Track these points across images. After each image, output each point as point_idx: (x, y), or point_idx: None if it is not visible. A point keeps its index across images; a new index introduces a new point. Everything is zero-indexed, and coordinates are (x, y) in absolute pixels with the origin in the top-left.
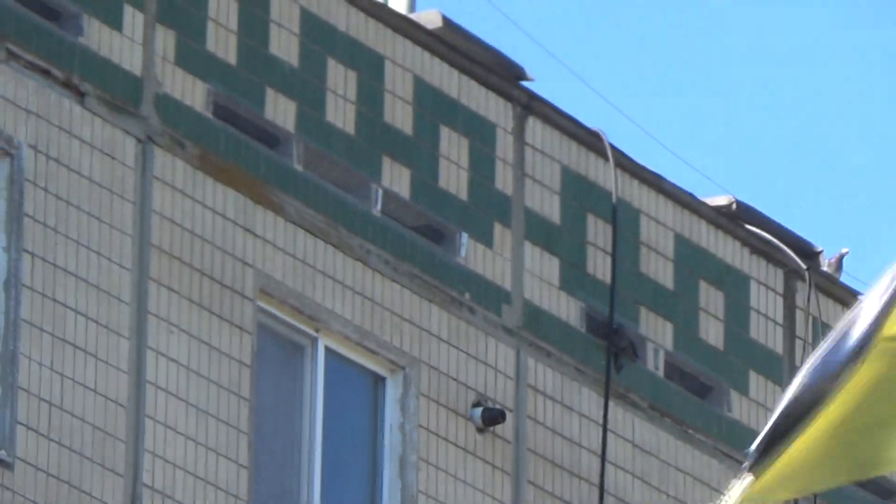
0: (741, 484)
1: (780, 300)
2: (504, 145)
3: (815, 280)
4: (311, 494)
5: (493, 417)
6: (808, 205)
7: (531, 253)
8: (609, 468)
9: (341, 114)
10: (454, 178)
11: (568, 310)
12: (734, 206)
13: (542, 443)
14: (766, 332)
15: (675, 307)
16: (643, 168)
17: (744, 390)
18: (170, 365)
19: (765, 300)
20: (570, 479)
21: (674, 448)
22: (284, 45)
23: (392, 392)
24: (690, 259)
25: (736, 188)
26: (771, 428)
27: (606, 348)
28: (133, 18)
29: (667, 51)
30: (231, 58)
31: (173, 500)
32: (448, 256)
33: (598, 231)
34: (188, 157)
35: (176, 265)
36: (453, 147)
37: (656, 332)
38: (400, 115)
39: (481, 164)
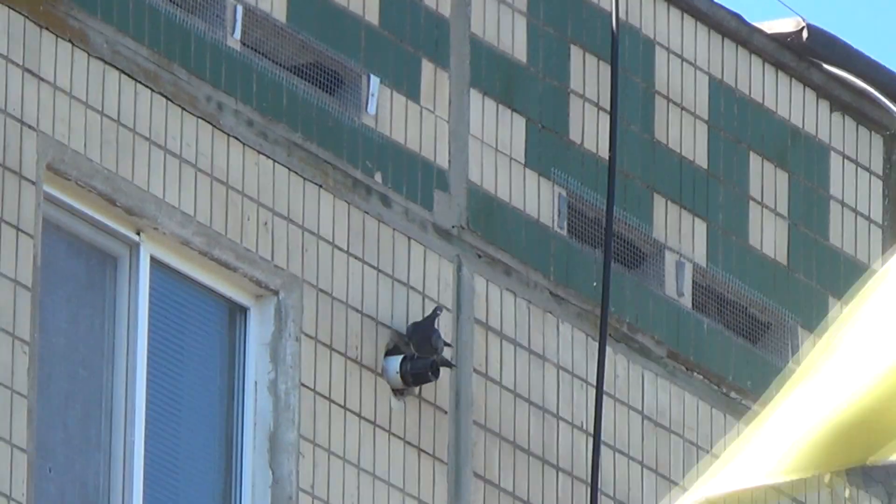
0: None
1: (877, 184)
2: None
3: None
4: (127, 499)
5: (420, 372)
6: None
7: (480, 108)
8: (605, 453)
9: None
10: None
11: (539, 199)
12: (804, 33)
13: (496, 412)
14: (854, 235)
15: (712, 196)
16: None
17: (814, 327)
18: None
19: (853, 184)
20: (543, 468)
21: (708, 418)
22: None
23: (258, 330)
24: (735, 118)
25: (807, 9)
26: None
27: (602, 259)
28: None
29: None
30: None
31: None
32: (348, 114)
33: (587, 74)
34: None
35: None
36: None
37: (680, 238)
38: None
39: None
